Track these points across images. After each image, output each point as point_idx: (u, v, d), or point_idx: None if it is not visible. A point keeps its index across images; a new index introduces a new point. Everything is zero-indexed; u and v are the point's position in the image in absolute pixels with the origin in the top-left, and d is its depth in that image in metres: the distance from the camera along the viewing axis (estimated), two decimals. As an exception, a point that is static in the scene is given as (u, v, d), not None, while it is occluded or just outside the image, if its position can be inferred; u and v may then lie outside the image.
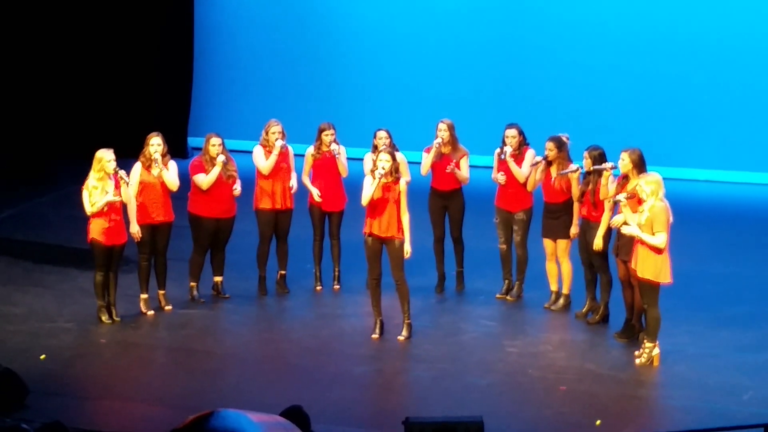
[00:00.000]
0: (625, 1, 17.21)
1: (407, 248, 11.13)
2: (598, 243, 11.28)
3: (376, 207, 11.10)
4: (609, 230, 11.20)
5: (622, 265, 11.05)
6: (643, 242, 10.37)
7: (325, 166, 12.44)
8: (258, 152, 12.35)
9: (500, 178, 12.11)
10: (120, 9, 18.09)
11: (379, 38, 18.10)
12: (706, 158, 17.08)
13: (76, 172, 13.11)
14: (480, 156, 13.20)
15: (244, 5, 18.66)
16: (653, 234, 10.33)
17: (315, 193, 12.44)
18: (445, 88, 17.76)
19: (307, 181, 12.49)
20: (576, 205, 11.73)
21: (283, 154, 12.29)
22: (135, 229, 11.66)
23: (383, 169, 11.01)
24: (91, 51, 18.01)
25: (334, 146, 12.34)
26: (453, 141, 12.25)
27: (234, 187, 12.12)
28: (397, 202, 11.09)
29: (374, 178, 11.04)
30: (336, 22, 18.30)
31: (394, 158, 11.12)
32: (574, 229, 11.77)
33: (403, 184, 11.14)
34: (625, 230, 10.57)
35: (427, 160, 12.27)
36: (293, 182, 12.39)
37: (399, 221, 11.10)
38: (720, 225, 15.20)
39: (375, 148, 12.00)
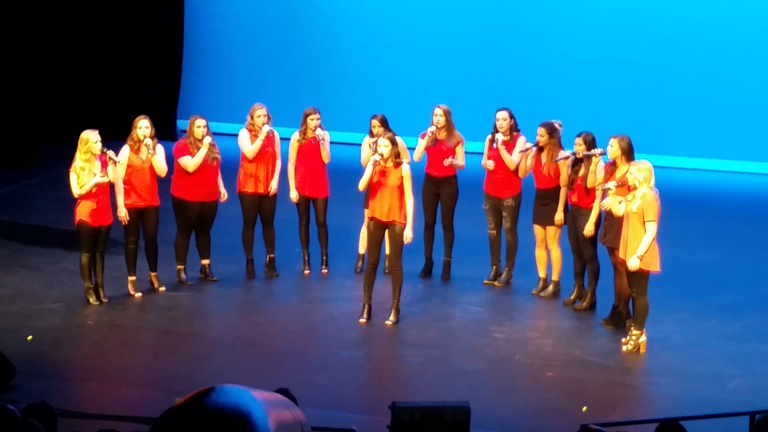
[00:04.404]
0: (617, -10, 17.23)
1: (407, 234, 11.11)
2: (589, 228, 11.29)
3: (375, 192, 11.11)
4: (599, 217, 11.21)
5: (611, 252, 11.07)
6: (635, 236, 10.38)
7: (309, 152, 12.39)
8: (243, 136, 12.31)
9: (489, 164, 12.11)
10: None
11: (370, 23, 18.07)
12: (695, 147, 17.10)
13: (63, 154, 13.07)
14: (473, 142, 13.17)
15: (234, -12, 18.62)
16: (643, 223, 10.33)
17: (293, 195, 12.39)
18: (437, 74, 17.74)
19: (291, 171, 12.44)
20: (563, 191, 11.73)
21: (269, 139, 12.25)
22: (123, 213, 11.62)
23: (379, 154, 11.01)
24: (79, 33, 17.95)
25: (319, 131, 12.30)
26: (449, 127, 12.23)
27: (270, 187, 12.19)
28: (400, 188, 11.06)
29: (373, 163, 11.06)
30: (326, 6, 18.26)
31: (394, 143, 11.10)
32: (559, 216, 11.77)
33: (405, 169, 11.09)
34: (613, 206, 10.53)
35: (421, 145, 12.25)
36: (274, 184, 12.27)
37: (401, 206, 11.08)
38: (708, 214, 15.23)
39: (372, 134, 12.02)
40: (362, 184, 11.13)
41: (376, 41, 18.06)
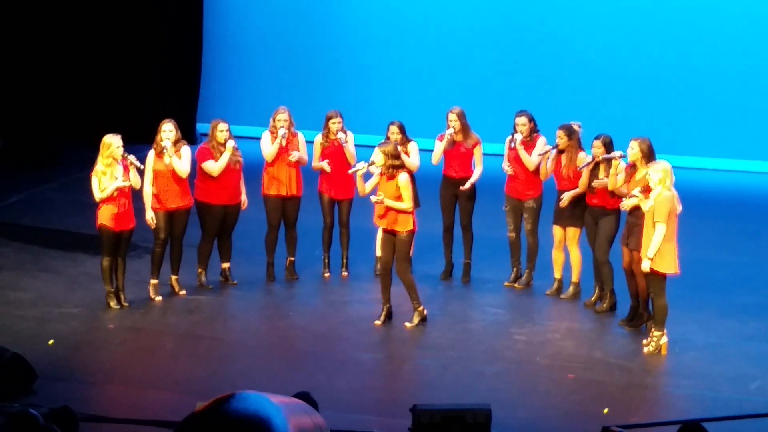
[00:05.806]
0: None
1: (360, 171, 11.09)
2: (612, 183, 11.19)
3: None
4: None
5: (627, 254, 11.03)
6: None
7: (333, 154, 12.41)
8: (265, 138, 12.33)
9: (508, 169, 12.05)
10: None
11: (389, 25, 18.08)
12: (716, 147, 17.05)
13: (84, 157, 13.12)
14: (491, 143, 13.14)
15: (253, -9, 18.64)
16: (653, 224, 10.31)
17: (324, 164, 12.35)
18: (455, 76, 17.74)
19: (315, 163, 12.45)
20: (580, 189, 11.64)
21: (290, 141, 12.26)
22: (149, 215, 11.65)
23: (363, 164, 11.02)
24: (100, 36, 18.00)
25: (341, 134, 12.30)
26: (464, 128, 12.22)
27: (292, 153, 12.13)
28: (399, 198, 10.99)
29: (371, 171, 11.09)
30: (345, 9, 18.27)
31: (387, 155, 10.93)
32: (567, 195, 11.63)
33: (401, 180, 10.97)
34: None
35: (438, 148, 12.23)
36: (296, 154, 12.20)
37: (402, 215, 11.02)
38: (729, 214, 15.18)
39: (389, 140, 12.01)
40: (359, 190, 11.25)
41: (394, 44, 18.06)
